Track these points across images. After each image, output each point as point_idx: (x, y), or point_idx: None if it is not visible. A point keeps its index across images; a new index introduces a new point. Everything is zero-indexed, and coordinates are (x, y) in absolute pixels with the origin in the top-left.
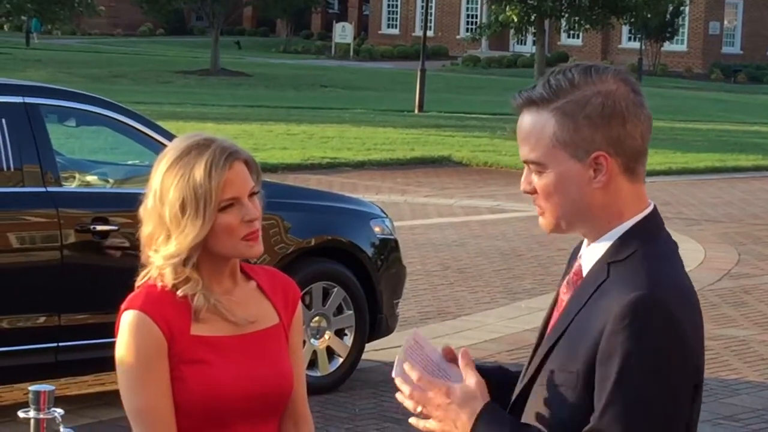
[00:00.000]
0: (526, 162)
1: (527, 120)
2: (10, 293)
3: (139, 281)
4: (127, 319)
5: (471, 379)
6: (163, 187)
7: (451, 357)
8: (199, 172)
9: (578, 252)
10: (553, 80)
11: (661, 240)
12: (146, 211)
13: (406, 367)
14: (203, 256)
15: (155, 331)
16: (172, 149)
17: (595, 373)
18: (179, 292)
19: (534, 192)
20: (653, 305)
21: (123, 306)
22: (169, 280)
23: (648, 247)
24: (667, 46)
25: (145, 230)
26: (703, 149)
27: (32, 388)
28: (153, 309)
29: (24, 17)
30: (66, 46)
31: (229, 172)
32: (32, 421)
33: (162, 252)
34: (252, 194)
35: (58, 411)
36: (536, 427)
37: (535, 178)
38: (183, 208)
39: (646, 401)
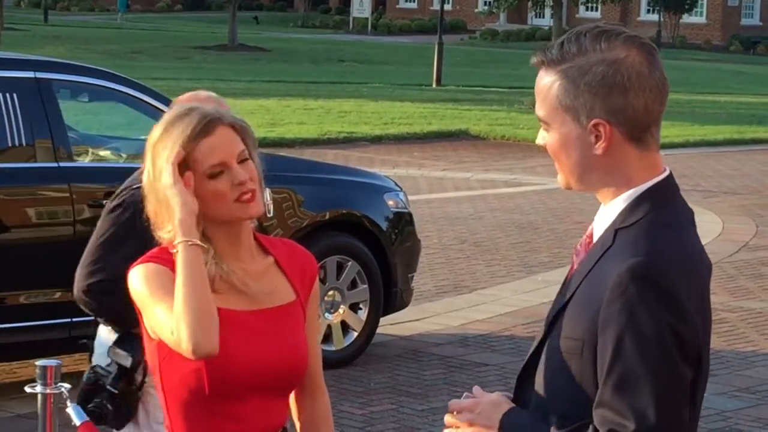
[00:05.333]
0: (537, 117)
1: (540, 77)
2: (23, 269)
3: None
4: (139, 266)
5: (492, 395)
6: (153, 163)
7: None
8: (174, 144)
9: None
10: (566, 43)
11: (673, 207)
12: (145, 188)
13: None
14: (210, 225)
15: (169, 273)
16: (158, 124)
17: (597, 341)
18: None
19: (546, 147)
20: (648, 273)
21: (134, 264)
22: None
23: (656, 213)
24: (686, 18)
25: (149, 208)
26: (721, 121)
27: (39, 363)
28: (168, 263)
29: None
30: (84, 22)
31: (210, 137)
32: (39, 396)
33: (166, 234)
34: (243, 160)
35: (65, 386)
36: (553, 416)
37: (545, 134)
38: (169, 181)
39: (645, 370)
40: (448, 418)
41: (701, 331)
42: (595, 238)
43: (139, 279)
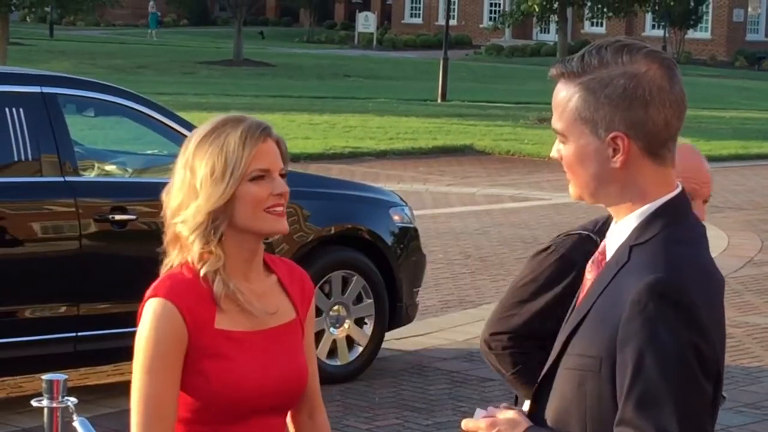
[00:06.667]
0: (553, 129)
1: (558, 90)
2: (29, 283)
3: (163, 268)
4: (152, 307)
5: (509, 412)
6: (195, 159)
7: None
8: (233, 140)
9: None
10: (587, 56)
11: (687, 223)
12: (175, 186)
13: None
14: (229, 235)
15: (178, 321)
16: (204, 125)
17: (616, 358)
18: (202, 271)
19: (561, 159)
20: (668, 290)
21: (148, 293)
22: (195, 250)
23: (671, 229)
24: (691, 34)
25: (173, 203)
26: (726, 137)
27: (45, 377)
28: (179, 298)
29: (47, 8)
30: (90, 37)
31: (263, 143)
32: (45, 410)
33: (188, 220)
34: (282, 175)
35: (72, 400)
36: None
37: (561, 146)
38: (212, 173)
39: (667, 388)
40: None
41: (719, 347)
42: (609, 255)
43: (144, 334)
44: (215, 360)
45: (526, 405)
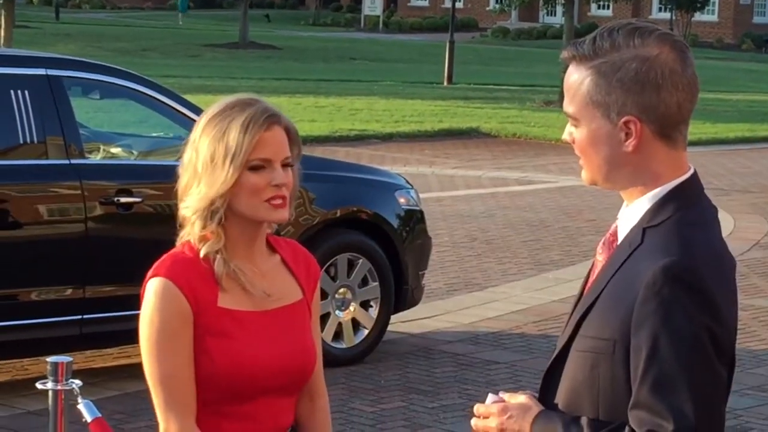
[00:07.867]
0: (565, 113)
1: (570, 73)
2: (35, 266)
3: (179, 240)
4: (153, 287)
5: (520, 397)
6: (201, 139)
7: None
8: (236, 126)
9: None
10: (599, 39)
11: (699, 206)
12: (183, 164)
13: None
14: (230, 217)
15: (181, 299)
16: (216, 105)
17: (630, 341)
18: (202, 251)
19: (573, 142)
20: (682, 273)
21: (149, 273)
22: (196, 231)
23: (684, 212)
24: (698, 17)
25: (181, 182)
26: (733, 119)
27: (50, 359)
28: (180, 277)
29: None
30: (95, 20)
31: (265, 132)
32: (50, 393)
33: (190, 205)
34: (287, 165)
35: (76, 382)
36: (585, 418)
37: (573, 129)
38: (213, 158)
39: (681, 371)
40: (475, 423)
41: (732, 330)
42: (620, 237)
43: (148, 314)
44: (219, 338)
45: None
